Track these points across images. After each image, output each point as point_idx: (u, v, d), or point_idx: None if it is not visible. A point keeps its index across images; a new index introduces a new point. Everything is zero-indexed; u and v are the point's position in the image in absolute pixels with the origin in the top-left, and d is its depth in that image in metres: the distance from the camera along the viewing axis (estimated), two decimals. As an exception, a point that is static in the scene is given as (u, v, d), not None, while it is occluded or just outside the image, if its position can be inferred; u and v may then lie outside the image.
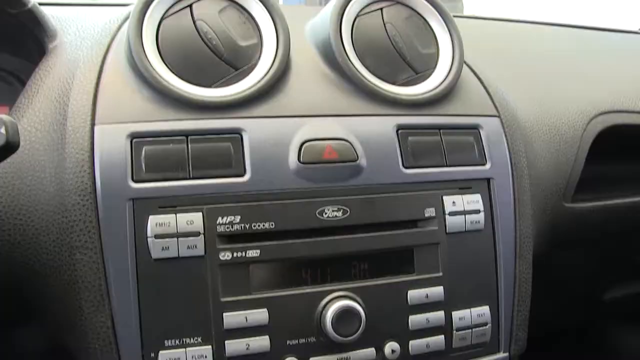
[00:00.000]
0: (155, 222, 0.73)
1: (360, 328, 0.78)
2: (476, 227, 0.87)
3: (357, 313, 0.77)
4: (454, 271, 0.85)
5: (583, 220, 1.08)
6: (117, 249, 0.73)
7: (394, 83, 0.89)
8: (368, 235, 0.81)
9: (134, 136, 0.75)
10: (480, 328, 0.87)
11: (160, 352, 0.74)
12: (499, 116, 0.93)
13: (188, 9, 0.81)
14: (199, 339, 0.75)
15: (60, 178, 0.74)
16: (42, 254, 0.75)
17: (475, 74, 0.98)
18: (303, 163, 0.79)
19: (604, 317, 1.72)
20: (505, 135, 0.92)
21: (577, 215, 1.07)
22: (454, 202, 0.85)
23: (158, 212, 0.74)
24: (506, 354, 0.90)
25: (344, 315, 0.77)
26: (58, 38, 0.90)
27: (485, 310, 0.87)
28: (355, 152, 0.81)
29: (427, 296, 0.83)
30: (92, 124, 0.75)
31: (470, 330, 0.86)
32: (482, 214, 0.87)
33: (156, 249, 0.73)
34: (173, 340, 0.74)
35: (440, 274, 0.84)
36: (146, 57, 0.78)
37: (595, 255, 1.27)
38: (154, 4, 0.80)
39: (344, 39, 0.87)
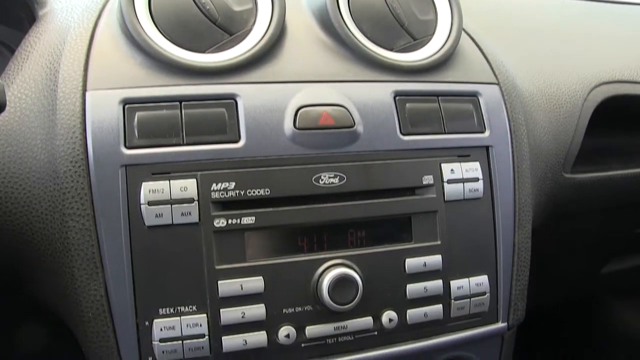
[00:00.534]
0: (149, 189, 0.72)
1: (357, 296, 0.77)
2: (475, 195, 0.85)
3: (354, 281, 0.76)
4: (453, 240, 0.84)
5: (582, 192, 1.07)
6: (110, 216, 0.72)
7: (391, 49, 0.88)
8: (365, 202, 0.80)
9: (126, 102, 0.74)
10: (479, 297, 0.86)
11: (155, 320, 0.73)
12: (498, 84, 0.92)
13: (181, -27, 0.80)
14: (194, 308, 0.74)
15: (52, 145, 0.73)
16: (34, 223, 0.74)
17: (474, 41, 0.97)
18: (298, 129, 0.77)
19: (600, 292, 1.72)
20: (505, 103, 0.91)
21: (577, 186, 1.06)
22: (452, 170, 0.84)
23: (151, 179, 0.73)
24: (505, 324, 0.90)
25: (341, 283, 0.76)
26: (48, 5, 0.88)
27: (483, 279, 0.86)
28: (352, 118, 0.79)
29: (425, 265, 0.82)
30: (84, 90, 0.74)
31: (468, 299, 0.85)
32: (480, 182, 0.86)
33: (149, 216, 0.72)
34: (167, 309, 0.73)
35: (439, 242, 0.83)
36: (138, 21, 0.77)
37: (594, 228, 1.26)
38: None
39: (340, 5, 0.86)
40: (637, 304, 1.72)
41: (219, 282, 0.74)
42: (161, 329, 0.73)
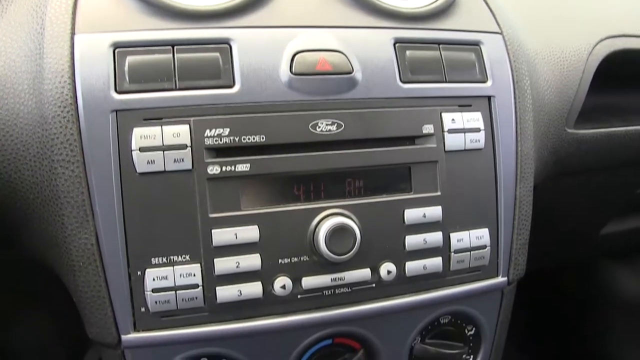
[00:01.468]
0: (140, 135, 0.70)
1: (355, 247, 0.75)
2: (476, 146, 0.83)
3: (352, 231, 0.74)
4: (453, 191, 0.82)
5: (585, 148, 1.05)
6: (100, 163, 0.70)
7: (391, -5, 0.85)
8: (363, 151, 0.77)
9: (116, 46, 0.71)
10: (479, 251, 0.84)
11: (147, 270, 0.71)
12: (501, 33, 0.89)
13: None
14: (187, 257, 0.72)
15: (39, 90, 0.70)
16: (22, 170, 0.72)
17: (477, -10, 0.94)
18: (295, 74, 0.75)
19: (598, 254, 1.71)
20: (508, 53, 0.88)
21: (580, 142, 1.03)
22: (453, 120, 0.82)
23: (143, 125, 0.70)
24: (505, 279, 0.88)
25: (338, 232, 0.74)
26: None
27: (484, 232, 0.84)
28: (350, 64, 0.77)
29: (424, 216, 0.80)
30: (72, 33, 0.71)
31: (468, 252, 0.83)
32: (482, 133, 0.83)
33: (141, 163, 0.70)
34: (160, 258, 0.72)
35: (439, 193, 0.81)
36: None
37: (595, 187, 1.24)
38: None
39: None
40: (635, 267, 1.71)
41: (213, 230, 0.72)
42: (154, 279, 0.71)
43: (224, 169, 0.72)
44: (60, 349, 1.81)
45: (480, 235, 0.84)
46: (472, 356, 0.93)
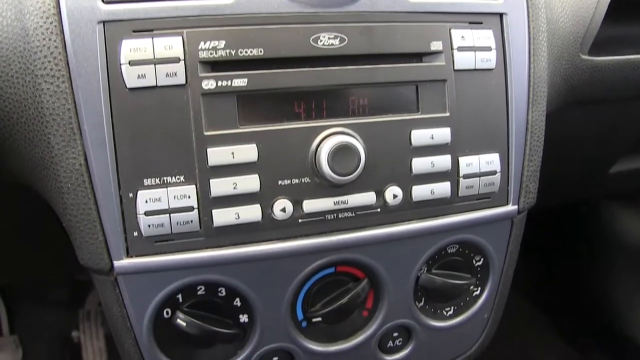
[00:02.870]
0: (129, 47, 0.65)
1: (359, 167, 0.71)
2: (487, 65, 0.79)
3: (356, 150, 0.70)
4: (462, 113, 0.78)
5: (599, 76, 1.00)
6: (87, 77, 0.65)
7: None
8: (368, 67, 0.73)
9: None
10: (489, 177, 0.80)
11: (139, 191, 0.67)
12: None
13: None
14: (182, 178, 0.68)
15: None
16: (4, 87, 0.67)
17: None
18: None
19: (605, 195, 1.68)
20: None
21: (593, 70, 0.98)
22: (463, 37, 0.77)
23: (132, 37, 0.66)
24: (515, 207, 0.84)
25: (341, 151, 0.70)
26: None
27: (494, 157, 0.80)
28: None
29: (432, 137, 0.76)
30: None
31: (477, 178, 0.80)
32: (493, 52, 0.79)
33: (131, 77, 0.65)
34: (153, 179, 0.68)
35: (447, 114, 0.77)
36: None
37: (607, 119, 1.19)
38: None
39: None
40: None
41: (209, 149, 0.68)
42: (146, 201, 0.68)
43: (219, 83, 0.68)
44: (60, 292, 1.80)
45: (490, 160, 0.80)
46: (479, 288, 0.90)
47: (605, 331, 1.78)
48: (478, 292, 0.90)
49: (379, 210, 0.76)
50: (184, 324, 0.74)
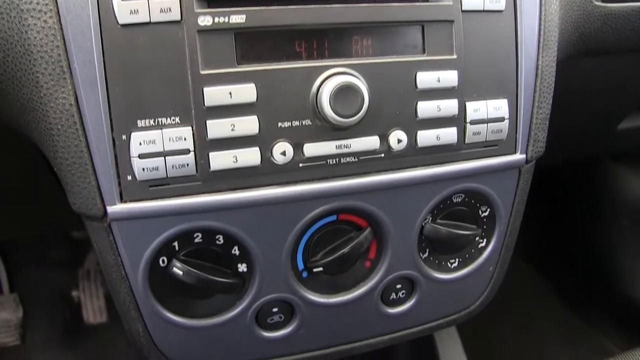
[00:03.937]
0: None
1: (362, 109, 0.68)
2: (496, 6, 0.75)
3: (359, 90, 0.67)
4: (470, 56, 0.74)
5: (611, 24, 0.96)
6: (76, 12, 0.62)
7: None
8: (372, 5, 0.69)
9: None
10: (497, 123, 0.77)
11: (133, 133, 0.65)
12: None
13: None
14: (177, 119, 0.65)
15: None
16: (-11, 24, 0.64)
17: None
18: None
19: (613, 152, 1.65)
20: None
21: (606, 17, 0.95)
22: None
23: None
24: (523, 156, 0.81)
25: (344, 92, 0.67)
26: None
27: (503, 103, 0.77)
28: None
29: (438, 80, 0.73)
30: None
31: (485, 124, 0.77)
32: None
33: (123, 13, 0.62)
34: (147, 120, 0.65)
35: (454, 56, 0.73)
36: None
37: (617, 72, 1.16)
38: None
39: None
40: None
41: (205, 89, 0.65)
42: (140, 143, 0.65)
43: (216, 20, 0.64)
44: (60, 252, 1.79)
45: (498, 106, 0.77)
46: (485, 239, 0.87)
47: (607, 291, 1.77)
48: (484, 243, 0.87)
49: (382, 155, 0.73)
50: (181, 272, 0.72)
